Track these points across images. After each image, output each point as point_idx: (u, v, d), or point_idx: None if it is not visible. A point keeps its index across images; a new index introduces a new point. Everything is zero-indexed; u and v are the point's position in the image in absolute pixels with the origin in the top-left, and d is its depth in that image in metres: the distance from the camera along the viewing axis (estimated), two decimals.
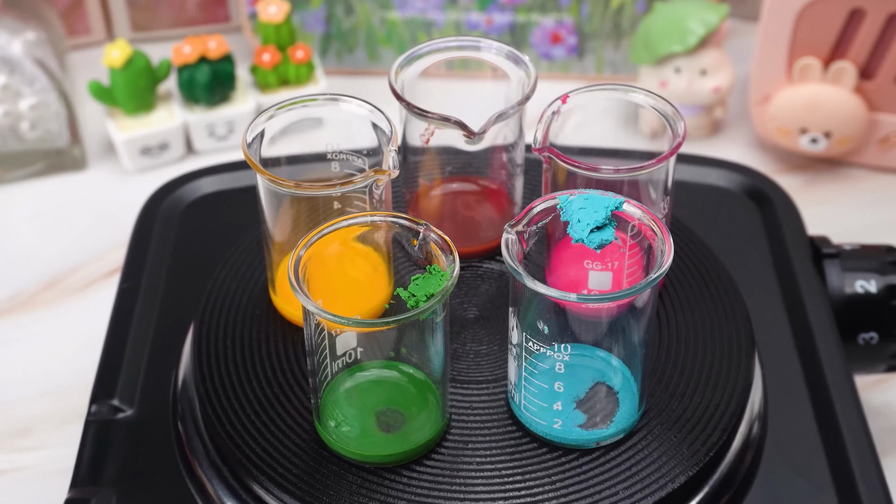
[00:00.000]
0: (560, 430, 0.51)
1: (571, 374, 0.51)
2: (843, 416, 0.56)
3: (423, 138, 0.57)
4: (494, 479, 0.51)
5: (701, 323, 0.57)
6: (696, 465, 0.51)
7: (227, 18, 0.91)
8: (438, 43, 0.58)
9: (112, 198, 0.80)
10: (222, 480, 0.53)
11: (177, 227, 0.66)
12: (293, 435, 0.52)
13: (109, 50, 0.78)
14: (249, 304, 0.58)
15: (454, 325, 0.57)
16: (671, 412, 0.53)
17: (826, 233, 0.69)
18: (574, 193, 0.50)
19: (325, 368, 0.51)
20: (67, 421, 0.66)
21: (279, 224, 0.55)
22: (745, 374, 0.55)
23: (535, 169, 0.64)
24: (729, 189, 0.68)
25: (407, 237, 0.51)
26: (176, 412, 0.57)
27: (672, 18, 0.79)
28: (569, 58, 0.86)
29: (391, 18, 0.85)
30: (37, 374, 0.69)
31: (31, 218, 0.79)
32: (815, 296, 0.61)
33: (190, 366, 0.57)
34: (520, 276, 0.48)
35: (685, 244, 0.61)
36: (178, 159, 0.82)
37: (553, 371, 0.51)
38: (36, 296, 0.74)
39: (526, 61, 0.57)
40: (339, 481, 0.51)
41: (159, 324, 0.61)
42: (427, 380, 0.52)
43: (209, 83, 0.79)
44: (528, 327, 0.50)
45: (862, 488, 0.54)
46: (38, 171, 0.81)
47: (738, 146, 0.82)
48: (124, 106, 0.80)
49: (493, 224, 0.61)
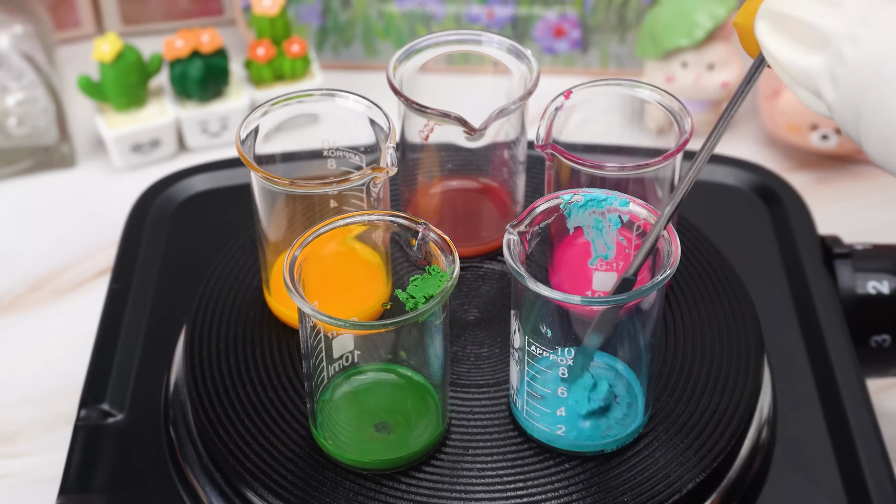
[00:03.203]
0: (563, 436, 0.51)
1: (576, 378, 0.51)
2: (854, 420, 0.56)
3: (423, 135, 0.57)
4: (496, 486, 0.51)
5: (709, 325, 0.57)
6: (703, 472, 0.51)
7: (220, 11, 0.91)
8: (438, 36, 0.58)
9: (102, 196, 0.80)
10: (215, 487, 0.53)
11: (168, 227, 0.66)
12: (288, 440, 0.52)
13: (99, 44, 0.78)
14: (243, 305, 0.58)
15: (454, 328, 0.57)
16: (678, 417, 0.53)
17: (837, 232, 0.69)
18: (577, 192, 0.50)
19: (322, 372, 0.51)
20: (55, 426, 0.66)
21: (274, 223, 0.55)
22: (754, 378, 0.55)
23: (537, 166, 0.64)
24: (737, 187, 0.68)
25: (405, 237, 0.51)
26: (167, 417, 0.57)
27: (679, 11, 0.79)
28: (572, 52, 0.86)
29: (389, 11, 0.85)
30: (23, 379, 0.69)
31: (17, 217, 0.79)
32: (825, 297, 0.61)
33: (182, 369, 0.57)
34: (522, 277, 0.48)
35: (692, 244, 0.61)
36: (169, 156, 0.82)
37: (556, 376, 0.50)
38: (22, 297, 0.74)
39: (528, 55, 0.57)
40: (336, 488, 0.50)
41: (150, 326, 0.61)
42: (426, 383, 0.52)
43: (202, 78, 0.79)
44: (531, 331, 0.49)
45: (874, 494, 0.53)
46: (26, 169, 0.81)
47: (746, 143, 0.82)
48: (114, 101, 0.80)
49: (494, 223, 0.61)
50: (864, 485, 0.54)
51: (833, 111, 0.38)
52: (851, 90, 0.37)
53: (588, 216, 0.51)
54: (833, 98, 0.38)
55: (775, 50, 0.40)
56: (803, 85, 0.39)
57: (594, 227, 0.52)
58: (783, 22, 0.40)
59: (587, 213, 0.51)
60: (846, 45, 0.37)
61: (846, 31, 0.38)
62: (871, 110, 0.37)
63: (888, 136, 0.37)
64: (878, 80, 0.36)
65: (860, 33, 0.37)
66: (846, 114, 0.38)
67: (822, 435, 0.56)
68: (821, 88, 0.39)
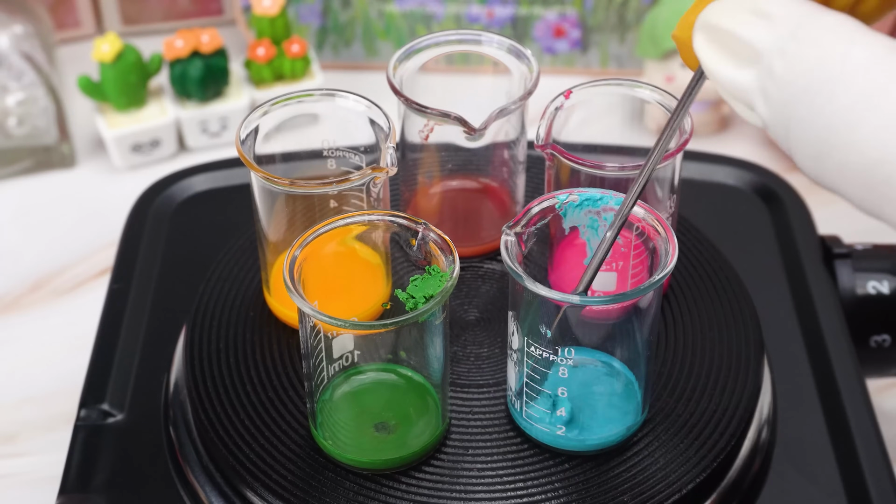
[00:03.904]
0: (563, 436, 0.51)
1: (575, 378, 0.51)
2: (854, 421, 0.56)
3: (423, 135, 0.57)
4: (496, 486, 0.50)
5: (708, 325, 0.57)
6: (703, 472, 0.51)
7: (220, 11, 0.91)
8: (438, 36, 0.58)
9: (101, 196, 0.80)
10: (215, 487, 0.53)
11: (168, 227, 0.66)
12: (288, 440, 0.52)
13: (99, 44, 0.78)
14: (243, 305, 0.58)
15: (454, 328, 0.57)
16: (677, 417, 0.53)
17: (837, 232, 0.68)
18: (572, 192, 0.50)
19: (321, 372, 0.51)
20: (55, 427, 0.66)
21: (274, 223, 0.55)
22: (754, 378, 0.55)
23: (537, 166, 0.64)
24: (737, 187, 0.68)
25: (405, 237, 0.51)
26: (167, 417, 0.56)
27: (679, 11, 0.79)
28: (572, 52, 0.86)
29: (389, 11, 0.85)
30: (23, 379, 0.69)
31: (17, 217, 0.79)
32: (825, 297, 0.61)
33: (182, 369, 0.57)
34: (520, 278, 0.47)
35: (692, 244, 0.61)
36: (169, 156, 0.82)
37: (557, 376, 0.50)
38: (22, 297, 0.73)
39: (528, 55, 0.57)
40: (336, 488, 0.50)
41: (150, 326, 0.61)
42: (426, 383, 0.52)
43: (202, 78, 0.79)
44: (530, 331, 0.49)
45: (874, 495, 0.53)
46: (26, 169, 0.81)
47: (746, 143, 0.82)
48: (114, 101, 0.80)
49: (494, 223, 0.61)
50: (864, 485, 0.54)
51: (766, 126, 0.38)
52: (781, 105, 0.37)
53: (584, 216, 0.51)
54: (765, 113, 0.38)
55: (711, 64, 0.39)
56: (739, 99, 0.39)
57: (589, 227, 0.52)
58: (718, 35, 0.39)
59: (583, 212, 0.51)
60: (776, 60, 0.37)
61: (776, 45, 0.37)
62: (800, 125, 0.37)
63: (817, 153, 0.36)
64: (806, 97, 0.36)
65: (789, 47, 0.37)
66: (778, 128, 0.38)
67: (822, 435, 0.56)
68: (754, 103, 0.38)
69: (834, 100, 0.36)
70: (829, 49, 0.36)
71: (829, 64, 0.36)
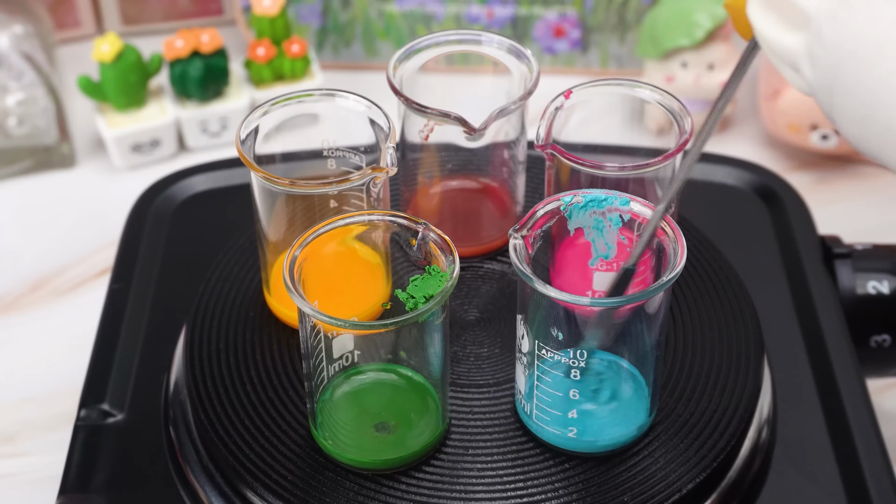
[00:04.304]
0: (574, 438, 0.51)
1: (586, 380, 0.51)
2: (854, 421, 0.56)
3: (423, 135, 0.57)
4: (496, 486, 0.50)
5: (708, 325, 0.57)
6: (703, 472, 0.51)
7: (220, 11, 0.91)
8: (438, 36, 0.58)
9: (101, 196, 0.79)
10: (215, 487, 0.53)
11: (168, 227, 0.66)
12: (288, 440, 0.52)
13: (99, 44, 0.78)
14: (243, 305, 0.58)
15: (454, 328, 0.57)
16: (678, 417, 0.53)
17: (837, 232, 0.68)
18: (577, 194, 0.50)
19: (322, 372, 0.51)
20: (55, 426, 0.66)
21: (274, 223, 0.55)
22: (754, 378, 0.54)
23: (537, 166, 0.63)
24: (737, 187, 0.68)
25: (405, 237, 0.51)
26: (167, 417, 0.56)
27: (679, 11, 0.79)
28: (572, 52, 0.86)
29: (389, 11, 0.85)
30: (23, 379, 0.69)
31: (17, 217, 0.79)
32: (825, 297, 0.61)
33: (182, 369, 0.56)
34: (531, 280, 0.47)
35: (693, 244, 0.61)
36: (169, 156, 0.81)
37: (568, 378, 0.50)
38: (22, 297, 0.73)
39: (528, 55, 0.57)
40: (336, 488, 0.50)
41: (150, 326, 0.61)
42: (426, 383, 0.52)
43: (202, 78, 0.79)
44: (540, 334, 0.49)
45: (874, 494, 0.53)
46: (26, 169, 0.81)
47: (746, 143, 0.82)
48: (114, 101, 0.80)
49: (494, 223, 0.61)
50: (864, 485, 0.54)
51: (812, 90, 0.39)
52: (827, 69, 0.38)
53: (588, 217, 0.51)
54: (811, 76, 0.38)
55: (762, 28, 0.40)
56: (787, 63, 0.40)
57: (595, 228, 0.52)
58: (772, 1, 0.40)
59: (587, 213, 0.51)
60: (825, 24, 0.38)
61: (827, 9, 0.38)
62: (845, 90, 0.37)
63: (861, 118, 0.37)
64: (852, 61, 0.37)
65: (839, 11, 0.37)
66: (823, 93, 0.38)
67: (822, 435, 0.56)
68: (801, 67, 0.39)
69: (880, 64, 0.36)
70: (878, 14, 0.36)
71: (877, 29, 0.36)
